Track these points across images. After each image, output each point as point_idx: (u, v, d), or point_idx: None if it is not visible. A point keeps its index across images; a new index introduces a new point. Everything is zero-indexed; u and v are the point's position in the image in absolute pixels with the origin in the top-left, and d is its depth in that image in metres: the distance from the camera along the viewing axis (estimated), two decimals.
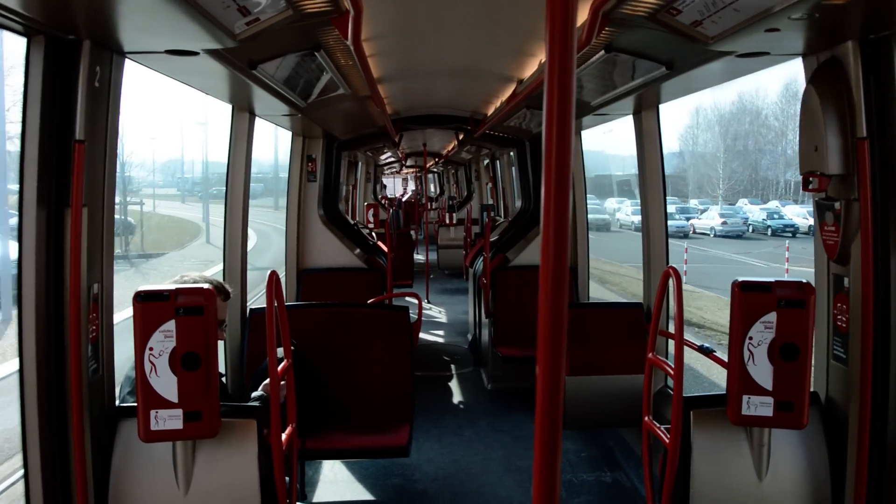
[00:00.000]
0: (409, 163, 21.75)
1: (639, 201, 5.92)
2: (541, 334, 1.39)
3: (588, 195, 8.05)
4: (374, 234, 11.17)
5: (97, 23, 3.02)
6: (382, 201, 22.21)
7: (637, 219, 40.37)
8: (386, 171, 26.03)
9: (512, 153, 14.05)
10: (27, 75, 3.13)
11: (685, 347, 3.88)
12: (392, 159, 18.42)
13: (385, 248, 9.10)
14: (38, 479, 3.29)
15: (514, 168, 14.68)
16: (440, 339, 10.67)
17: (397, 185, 36.53)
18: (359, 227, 9.27)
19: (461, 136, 11.37)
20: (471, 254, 10.32)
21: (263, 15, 3.10)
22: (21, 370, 3.26)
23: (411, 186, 32.29)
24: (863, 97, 3.31)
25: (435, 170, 26.04)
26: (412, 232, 17.29)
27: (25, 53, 3.11)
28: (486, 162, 17.81)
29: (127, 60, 3.51)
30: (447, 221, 17.68)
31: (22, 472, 3.34)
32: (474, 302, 9.47)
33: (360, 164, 15.59)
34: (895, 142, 3.30)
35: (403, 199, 26.61)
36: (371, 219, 14.10)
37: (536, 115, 7.19)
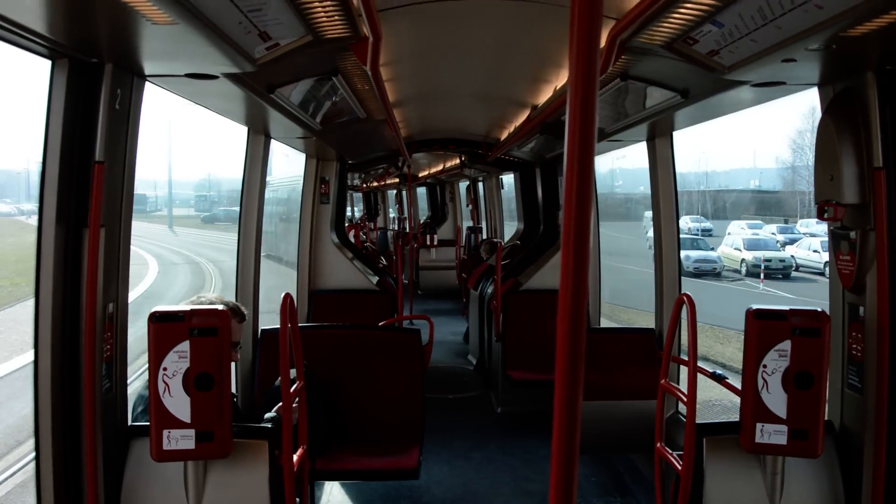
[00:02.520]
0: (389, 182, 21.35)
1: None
2: (559, 359, 1.39)
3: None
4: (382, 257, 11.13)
5: (120, 47, 3.06)
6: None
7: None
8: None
9: (502, 177, 14.08)
10: (50, 97, 3.18)
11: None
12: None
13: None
14: (50, 496, 3.30)
15: (499, 191, 14.75)
16: (438, 361, 10.60)
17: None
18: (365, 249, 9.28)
19: (464, 158, 11.39)
20: (475, 276, 10.29)
21: (283, 40, 3.14)
22: (35, 387, 3.27)
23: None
24: (879, 127, 3.32)
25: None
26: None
27: (49, 76, 3.16)
28: (465, 185, 17.73)
29: (147, 83, 3.56)
30: (428, 243, 17.45)
31: (34, 489, 3.35)
32: (480, 324, 9.44)
33: None
34: None
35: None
36: (352, 240, 14.11)
37: (550, 141, 7.21)
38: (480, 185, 16.70)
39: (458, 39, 4.44)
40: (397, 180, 18.65)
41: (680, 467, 3.69)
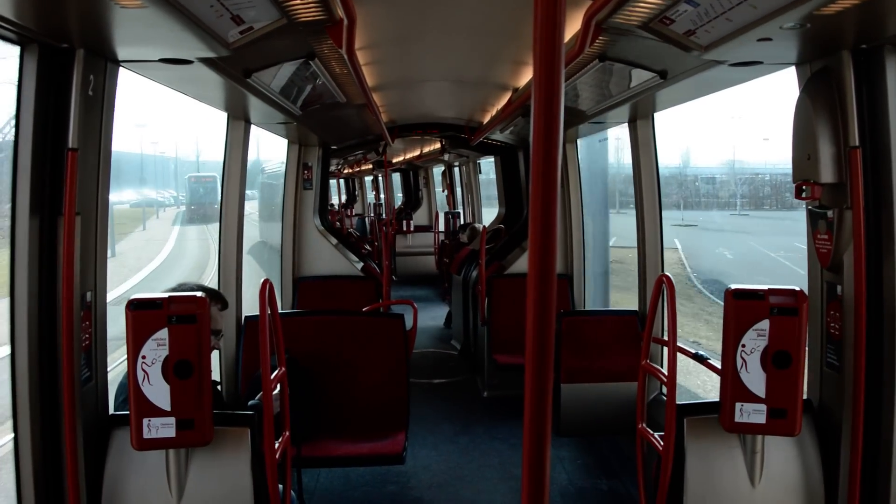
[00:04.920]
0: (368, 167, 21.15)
1: None
2: (528, 341, 1.39)
3: None
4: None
5: (91, 31, 3.02)
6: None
7: None
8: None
9: (479, 161, 14.04)
10: (20, 83, 3.13)
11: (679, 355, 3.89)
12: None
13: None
14: (30, 488, 3.28)
15: (477, 176, 14.71)
16: (422, 346, 10.59)
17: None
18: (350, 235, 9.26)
19: (444, 143, 11.36)
20: (457, 260, 10.28)
21: (257, 24, 3.11)
22: (13, 378, 3.25)
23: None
24: (855, 106, 3.33)
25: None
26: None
27: (19, 62, 3.12)
28: (440, 169, 17.65)
29: (121, 69, 3.51)
30: (404, 229, 17.36)
31: (14, 480, 3.33)
32: (464, 309, 9.45)
33: None
34: (887, 151, 3.32)
35: None
36: None
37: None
38: (456, 169, 16.66)
39: (437, 22, 4.40)
40: (371, 166, 18.50)
41: (661, 448, 3.72)
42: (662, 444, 3.70)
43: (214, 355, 4.22)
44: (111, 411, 3.71)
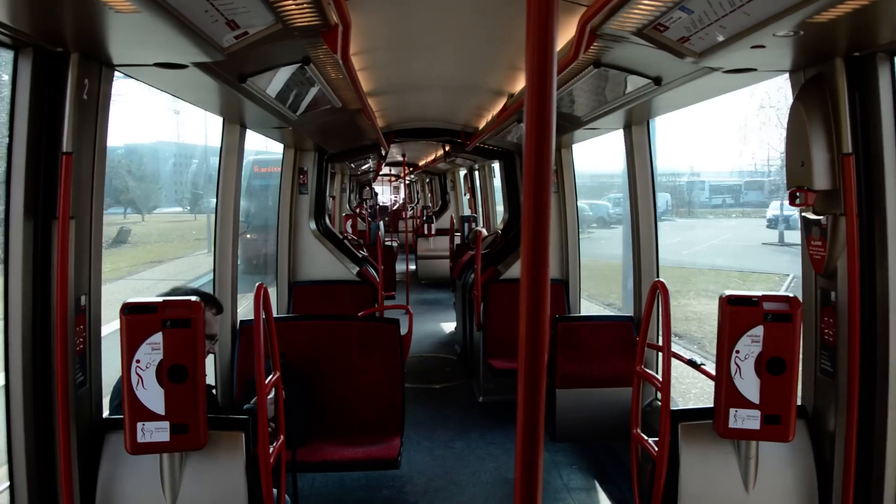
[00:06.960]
0: (385, 172, 20.99)
1: None
2: (521, 345, 1.39)
3: None
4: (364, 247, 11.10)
5: (85, 35, 3.02)
6: (359, 211, 21.17)
7: None
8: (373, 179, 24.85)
9: (493, 165, 14.09)
10: (14, 87, 3.13)
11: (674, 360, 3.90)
12: (370, 168, 17.97)
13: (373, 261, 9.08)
14: (23, 492, 3.28)
15: (492, 180, 14.74)
16: (425, 351, 10.63)
17: (386, 193, 35.53)
18: (346, 239, 9.25)
19: (447, 148, 11.37)
20: (459, 265, 10.29)
21: (252, 28, 3.11)
22: (7, 382, 3.25)
23: (402, 195, 31.21)
24: (848, 113, 3.34)
25: (408, 180, 25.27)
26: (394, 243, 17.15)
27: (13, 65, 3.12)
28: (463, 173, 17.72)
29: (115, 72, 3.51)
30: (426, 232, 17.43)
31: (7, 485, 3.32)
32: (463, 314, 9.46)
33: (336, 174, 15.33)
34: (880, 157, 3.33)
35: (392, 209, 25.89)
36: (349, 230, 13.99)
37: None
38: (476, 173, 16.68)
39: (432, 27, 4.42)
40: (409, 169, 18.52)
41: (655, 453, 3.72)
42: (657, 449, 3.71)
43: (209, 360, 4.22)
44: (105, 415, 3.70)
